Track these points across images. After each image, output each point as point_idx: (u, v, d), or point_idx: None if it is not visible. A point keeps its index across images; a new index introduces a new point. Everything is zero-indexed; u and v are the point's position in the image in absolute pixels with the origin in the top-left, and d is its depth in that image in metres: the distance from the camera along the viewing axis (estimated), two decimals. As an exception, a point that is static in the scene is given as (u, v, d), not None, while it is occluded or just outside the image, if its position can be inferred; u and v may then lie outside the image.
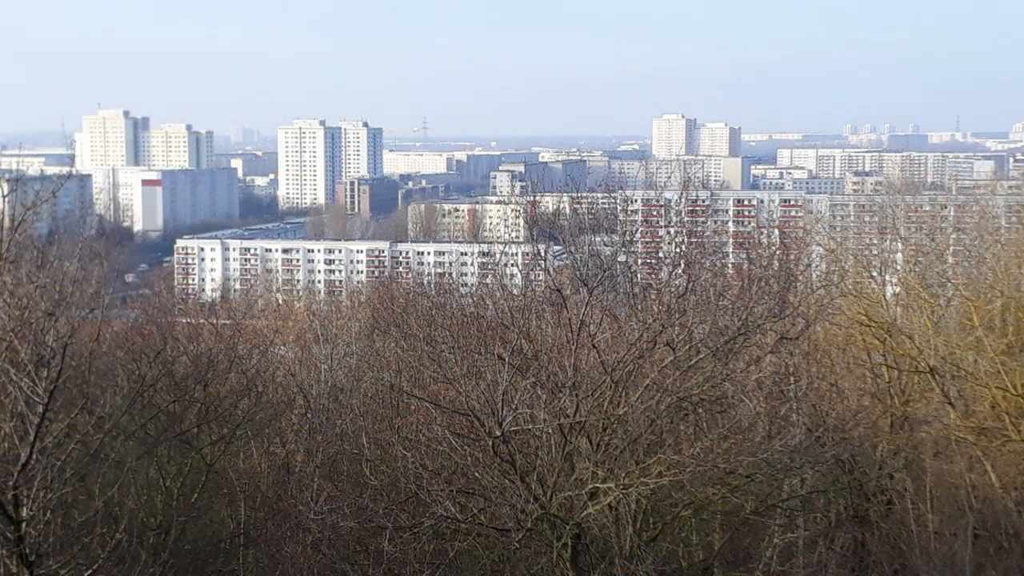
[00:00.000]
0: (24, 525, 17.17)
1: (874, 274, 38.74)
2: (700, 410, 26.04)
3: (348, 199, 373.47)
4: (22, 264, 23.37)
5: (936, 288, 37.86)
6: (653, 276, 35.83)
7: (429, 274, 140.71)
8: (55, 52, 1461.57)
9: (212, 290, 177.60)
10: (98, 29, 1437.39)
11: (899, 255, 42.54)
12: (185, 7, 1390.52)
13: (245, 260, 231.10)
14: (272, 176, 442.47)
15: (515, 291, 31.91)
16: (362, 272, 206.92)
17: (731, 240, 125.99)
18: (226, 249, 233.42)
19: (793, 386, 30.09)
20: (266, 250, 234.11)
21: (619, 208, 54.36)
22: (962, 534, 28.13)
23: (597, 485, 23.60)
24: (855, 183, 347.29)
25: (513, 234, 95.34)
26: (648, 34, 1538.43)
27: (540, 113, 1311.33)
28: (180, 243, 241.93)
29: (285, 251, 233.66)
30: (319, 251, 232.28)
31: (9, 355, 19.02)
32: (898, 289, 38.71)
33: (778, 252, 42.78)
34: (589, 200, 52.38)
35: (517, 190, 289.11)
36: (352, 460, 31.00)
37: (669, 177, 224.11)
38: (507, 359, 24.59)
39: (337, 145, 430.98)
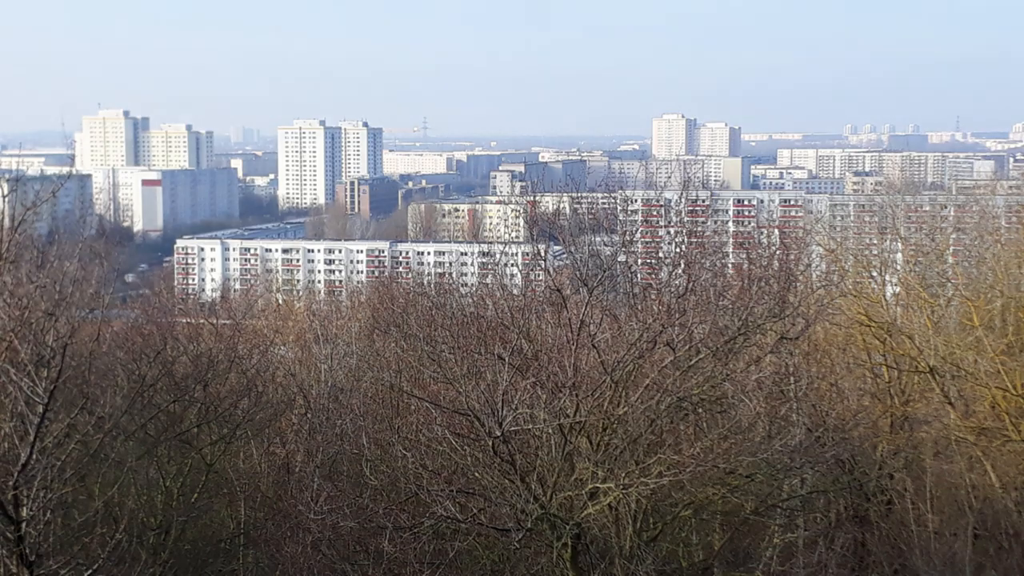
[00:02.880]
0: (24, 525, 17.15)
1: (874, 274, 38.72)
2: (700, 410, 26.03)
3: (348, 199, 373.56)
4: (22, 264, 23.40)
5: (936, 288, 37.84)
6: (653, 276, 35.82)
7: (429, 274, 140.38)
8: (55, 52, 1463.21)
9: (212, 290, 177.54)
10: (98, 29, 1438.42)
11: (899, 255, 42.50)
12: (185, 7, 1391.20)
13: (245, 260, 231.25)
14: (272, 176, 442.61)
15: (515, 291, 31.89)
16: (362, 272, 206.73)
17: (731, 240, 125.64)
18: (226, 249, 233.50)
19: (793, 386, 30.06)
20: (266, 250, 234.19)
21: (619, 208, 54.19)
22: (962, 534, 28.14)
23: (597, 485, 23.59)
24: (855, 183, 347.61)
25: (513, 234, 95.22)
26: (648, 34, 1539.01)
27: (540, 113, 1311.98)
28: (180, 243, 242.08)
29: (285, 251, 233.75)
30: (319, 251, 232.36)
31: (9, 355, 19.02)
32: (898, 289, 38.67)
33: (778, 252, 42.77)
34: (589, 200, 52.27)
35: (517, 190, 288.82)
36: (352, 460, 31.00)
37: (669, 177, 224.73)
38: (507, 359, 24.60)
39: (337, 145, 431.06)
